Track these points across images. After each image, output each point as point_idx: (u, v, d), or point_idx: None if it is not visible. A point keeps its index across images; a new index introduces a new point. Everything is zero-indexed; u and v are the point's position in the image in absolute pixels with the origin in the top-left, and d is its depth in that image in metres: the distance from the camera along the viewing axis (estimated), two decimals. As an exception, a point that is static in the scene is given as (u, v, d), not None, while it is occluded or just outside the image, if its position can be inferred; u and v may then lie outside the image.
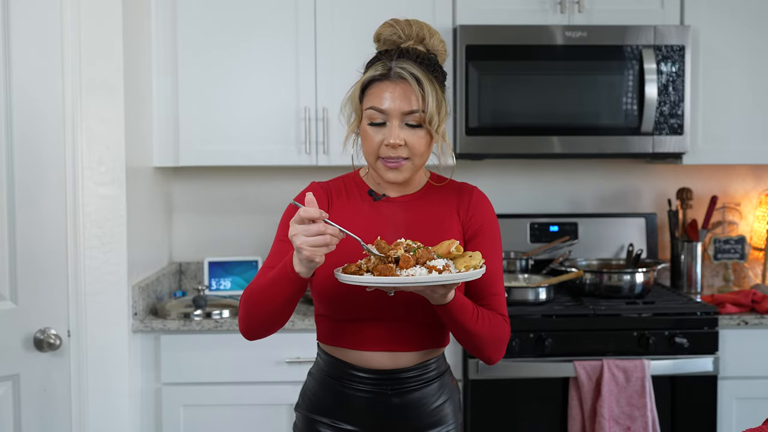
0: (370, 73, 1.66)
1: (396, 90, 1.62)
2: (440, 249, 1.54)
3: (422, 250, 1.51)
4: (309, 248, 1.44)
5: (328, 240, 1.45)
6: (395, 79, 1.63)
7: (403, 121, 1.63)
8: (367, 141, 1.66)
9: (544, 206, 3.39)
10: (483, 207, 1.75)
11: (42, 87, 2.42)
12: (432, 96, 1.62)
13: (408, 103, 1.62)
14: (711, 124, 3.03)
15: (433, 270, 1.47)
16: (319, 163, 2.96)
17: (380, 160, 1.66)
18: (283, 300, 1.57)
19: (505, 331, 1.67)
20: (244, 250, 3.31)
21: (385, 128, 1.63)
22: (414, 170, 1.68)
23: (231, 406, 2.73)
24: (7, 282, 2.36)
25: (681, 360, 2.71)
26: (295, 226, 1.46)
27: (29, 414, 2.42)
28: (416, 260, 1.49)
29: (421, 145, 1.64)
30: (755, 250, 3.33)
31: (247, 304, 1.63)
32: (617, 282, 2.90)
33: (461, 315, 1.57)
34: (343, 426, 1.71)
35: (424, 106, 1.61)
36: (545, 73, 2.93)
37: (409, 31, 1.68)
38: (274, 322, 1.63)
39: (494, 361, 1.69)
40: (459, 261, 1.53)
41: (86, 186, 2.54)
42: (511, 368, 2.69)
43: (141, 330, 2.68)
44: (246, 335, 1.68)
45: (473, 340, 1.62)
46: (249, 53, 2.95)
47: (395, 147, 1.62)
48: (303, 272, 1.51)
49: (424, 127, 1.64)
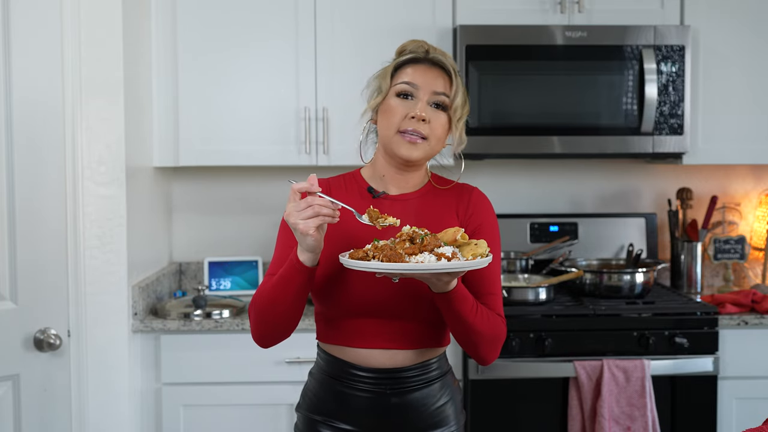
0: (407, 56, 1.73)
1: (431, 71, 1.71)
2: (446, 236, 1.53)
3: (430, 237, 1.51)
4: (302, 222, 1.49)
5: (316, 209, 1.48)
6: (431, 64, 1.71)
7: (431, 100, 1.69)
8: (390, 114, 1.70)
9: (544, 206, 3.39)
10: (482, 206, 1.75)
11: (42, 87, 2.42)
12: (461, 90, 1.71)
13: (440, 85, 1.70)
14: (711, 124, 3.04)
15: (442, 257, 1.47)
16: (319, 163, 2.96)
17: (399, 134, 1.68)
18: (291, 296, 1.58)
19: (501, 331, 1.67)
20: (244, 250, 3.31)
21: (412, 102, 1.69)
22: (427, 153, 1.71)
23: (231, 406, 2.73)
24: (7, 282, 2.36)
25: (681, 360, 2.71)
26: (288, 206, 1.51)
27: (29, 414, 2.42)
28: (423, 247, 1.49)
29: (441, 128, 1.70)
30: (755, 250, 3.33)
31: (257, 310, 1.64)
32: (617, 282, 2.90)
33: (461, 305, 1.57)
34: (342, 426, 1.71)
35: (452, 93, 1.70)
36: (545, 73, 2.93)
37: (434, 49, 1.76)
38: (285, 323, 1.64)
39: (489, 360, 1.69)
40: (465, 249, 1.52)
41: (86, 186, 2.54)
42: (511, 368, 2.69)
43: (141, 330, 2.68)
44: (260, 343, 1.69)
45: (471, 334, 1.62)
46: (249, 53, 2.95)
47: (419, 119, 1.67)
48: (306, 260, 1.54)
49: (447, 114, 1.70)
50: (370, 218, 1.56)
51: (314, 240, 1.51)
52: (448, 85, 1.70)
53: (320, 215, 1.49)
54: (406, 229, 1.54)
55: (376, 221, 1.56)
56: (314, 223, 1.49)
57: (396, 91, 1.70)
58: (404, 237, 1.52)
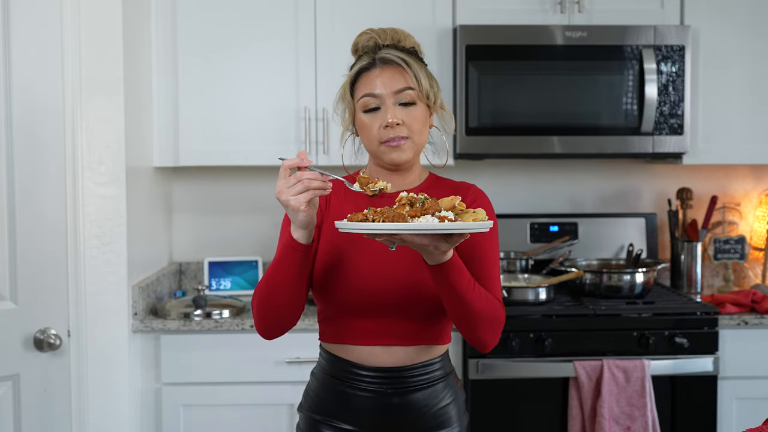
0: (357, 66, 1.72)
1: (384, 73, 1.68)
2: (444, 203, 1.49)
3: (430, 201, 1.47)
4: (292, 198, 1.48)
5: (306, 184, 1.48)
6: (382, 64, 1.69)
7: (397, 100, 1.67)
8: (365, 130, 1.70)
9: (544, 206, 3.39)
10: (480, 201, 1.75)
11: (42, 87, 2.42)
12: (422, 73, 1.69)
13: (398, 82, 1.67)
14: (711, 124, 3.04)
15: (445, 220, 1.42)
16: (319, 163, 2.96)
17: (382, 145, 1.68)
18: (290, 277, 1.57)
19: (500, 313, 1.65)
20: (244, 250, 3.32)
21: (381, 112, 1.67)
22: (415, 150, 1.70)
23: (231, 406, 2.73)
24: (7, 282, 2.36)
25: (681, 360, 2.71)
26: (278, 183, 1.51)
27: (29, 414, 2.42)
28: (425, 210, 1.45)
29: (418, 122, 1.68)
30: (755, 250, 3.33)
31: (259, 298, 1.64)
32: (617, 282, 2.90)
33: (458, 278, 1.53)
34: (344, 426, 1.71)
35: (417, 84, 1.67)
36: (545, 73, 2.93)
37: (384, 36, 1.74)
38: (287, 309, 1.63)
39: (489, 345, 1.65)
40: (464, 216, 1.48)
41: (86, 186, 2.54)
42: (511, 368, 2.69)
43: (141, 330, 2.68)
44: (264, 333, 1.68)
45: (468, 313, 1.58)
46: (249, 53, 2.95)
47: (393, 126, 1.66)
48: (301, 237, 1.54)
49: (418, 104, 1.68)
50: (361, 185, 1.55)
51: (306, 215, 1.50)
52: (412, 75, 1.67)
53: (310, 189, 1.48)
54: (404, 194, 1.50)
55: (366, 187, 1.55)
56: (305, 197, 1.48)
57: (361, 107, 1.69)
58: (404, 201, 1.48)
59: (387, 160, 1.70)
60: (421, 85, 1.67)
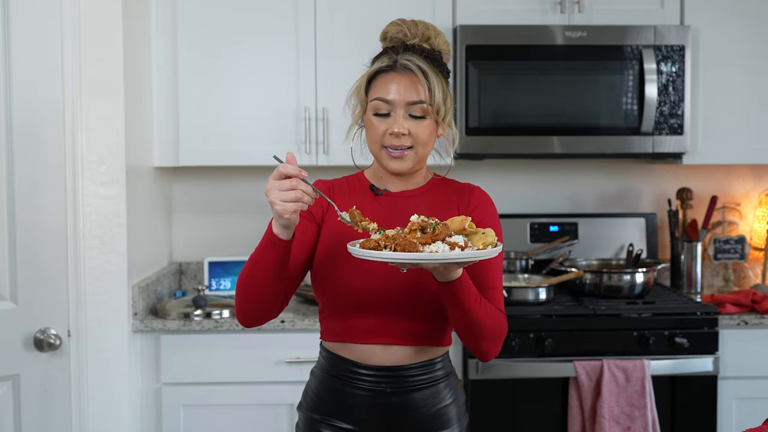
0: (376, 65, 1.70)
1: (402, 81, 1.66)
2: (453, 225, 1.50)
3: (441, 226, 1.48)
4: (280, 203, 1.47)
5: (299, 195, 1.47)
6: (401, 70, 1.67)
7: (408, 111, 1.66)
8: (371, 131, 1.69)
9: (544, 206, 3.39)
10: (484, 203, 1.75)
11: (42, 87, 2.42)
12: (438, 87, 1.66)
13: (413, 94, 1.65)
14: (711, 124, 3.04)
15: (456, 246, 1.44)
16: (319, 163, 2.96)
17: (384, 150, 1.68)
18: (269, 270, 1.57)
19: (503, 325, 1.66)
20: (244, 250, 3.31)
21: (390, 118, 1.67)
22: (417, 160, 1.70)
23: (231, 406, 2.73)
24: (7, 282, 2.36)
25: (681, 360, 2.71)
26: (271, 182, 1.49)
27: (29, 414, 2.42)
28: (435, 236, 1.46)
29: (425, 134, 1.67)
30: (755, 250, 3.33)
31: (240, 286, 1.64)
32: (617, 282, 2.90)
33: (466, 295, 1.55)
34: (343, 425, 1.71)
35: (430, 97, 1.65)
36: (545, 73, 2.93)
37: (415, 30, 1.72)
38: (264, 299, 1.62)
39: (490, 356, 1.67)
40: (474, 238, 1.50)
41: (86, 186, 2.54)
42: (511, 368, 2.69)
43: (141, 330, 2.68)
44: (242, 321, 1.68)
45: (473, 326, 1.60)
46: (249, 53, 2.95)
47: (399, 136, 1.65)
48: (281, 233, 1.53)
49: (428, 118, 1.67)
50: (352, 218, 1.54)
51: (288, 221, 1.51)
52: (427, 88, 1.65)
53: (300, 201, 1.48)
54: (415, 218, 1.51)
55: (359, 224, 1.54)
56: (292, 207, 1.48)
57: (372, 108, 1.68)
58: (415, 227, 1.49)
59: (387, 167, 1.70)
60: (434, 99, 1.65)
